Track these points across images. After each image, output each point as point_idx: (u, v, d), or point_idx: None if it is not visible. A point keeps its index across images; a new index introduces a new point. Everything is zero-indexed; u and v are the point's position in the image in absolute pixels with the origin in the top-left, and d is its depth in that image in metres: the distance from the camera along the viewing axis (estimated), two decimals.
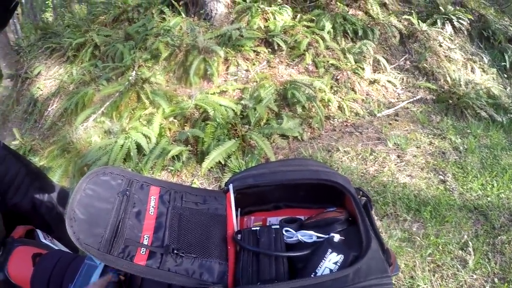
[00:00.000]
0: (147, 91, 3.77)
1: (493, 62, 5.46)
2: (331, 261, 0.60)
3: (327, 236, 0.66)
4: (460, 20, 5.45)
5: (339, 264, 0.60)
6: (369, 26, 4.98)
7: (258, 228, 0.75)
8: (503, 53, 5.54)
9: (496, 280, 2.16)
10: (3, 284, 1.12)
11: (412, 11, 5.47)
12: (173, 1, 4.83)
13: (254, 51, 4.29)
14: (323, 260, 0.60)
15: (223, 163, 3.22)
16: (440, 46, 5.17)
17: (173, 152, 3.25)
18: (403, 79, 4.72)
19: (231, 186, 0.80)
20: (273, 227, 0.74)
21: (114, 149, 3.47)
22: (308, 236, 0.67)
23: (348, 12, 5.15)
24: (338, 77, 4.30)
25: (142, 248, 0.68)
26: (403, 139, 3.54)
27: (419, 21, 5.26)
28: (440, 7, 5.58)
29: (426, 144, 3.53)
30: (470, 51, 5.44)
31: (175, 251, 0.68)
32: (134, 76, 3.91)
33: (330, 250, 0.61)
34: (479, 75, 4.93)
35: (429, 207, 2.63)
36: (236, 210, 0.82)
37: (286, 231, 0.70)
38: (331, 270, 0.60)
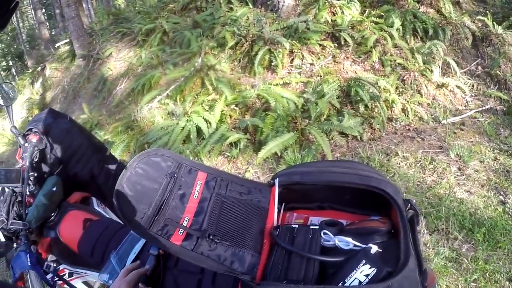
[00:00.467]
0: (212, 77, 3.87)
1: None
2: (362, 272, 0.58)
3: (364, 245, 0.64)
4: None
5: (370, 278, 0.57)
6: (440, 25, 4.62)
7: (297, 226, 0.75)
8: None
9: None
10: (54, 241, 1.23)
11: (487, 11, 4.94)
12: None
13: (320, 44, 4.20)
14: (355, 270, 0.59)
15: (279, 154, 3.22)
16: None
17: (232, 138, 3.32)
18: (473, 85, 4.31)
19: (276, 181, 0.80)
20: (311, 227, 0.74)
21: (175, 130, 3.64)
22: (345, 242, 0.66)
23: (419, 9, 4.82)
24: (404, 78, 4.06)
25: (180, 229, 0.71)
26: (466, 151, 3.24)
27: (494, 23, 4.73)
28: None
29: (490, 160, 3.20)
30: None
31: (211, 237, 0.70)
32: (200, 63, 4.04)
33: (364, 261, 0.59)
34: None
35: (483, 228, 2.40)
36: (280, 204, 0.83)
37: (324, 233, 0.69)
38: (360, 282, 0.58)
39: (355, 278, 0.58)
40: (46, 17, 18.22)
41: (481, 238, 2.34)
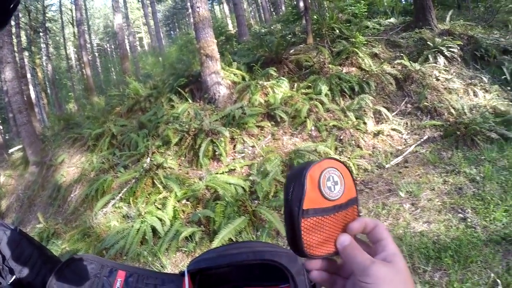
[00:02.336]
0: (161, 176, 4.01)
1: (493, 78, 5.29)
2: None
3: None
4: (450, 49, 5.48)
5: None
6: (364, 80, 5.15)
7: None
8: (500, 67, 5.34)
9: None
10: None
11: (402, 54, 5.57)
12: (179, 89, 5.27)
13: (258, 126, 4.54)
14: None
15: (234, 239, 3.29)
16: (437, 80, 5.16)
17: (185, 233, 3.37)
18: (407, 123, 4.70)
19: (185, 270, 0.96)
20: None
21: (131, 233, 3.63)
22: None
23: (342, 71, 5.36)
24: (341, 137, 4.39)
25: None
26: (415, 185, 3.42)
27: (411, 62, 5.31)
28: (428, 42, 5.68)
29: (440, 184, 3.38)
30: (468, 75, 5.37)
31: None
32: (148, 163, 4.20)
33: None
34: (482, 97, 4.84)
35: (449, 251, 2.44)
36: None
37: None
38: None
39: None
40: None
41: (450, 261, 2.35)
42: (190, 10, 7.25)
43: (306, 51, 6.23)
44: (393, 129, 4.60)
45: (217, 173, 3.94)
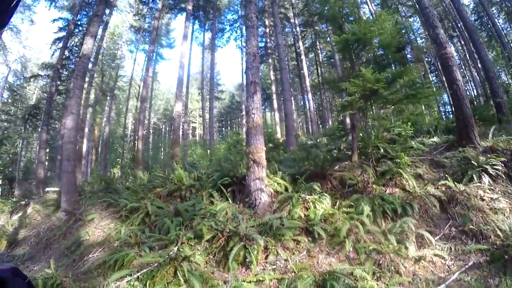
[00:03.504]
0: (185, 269, 3.83)
1: None
2: None
3: None
4: (494, 167, 5.27)
5: None
6: (407, 201, 4.97)
7: None
8: None
9: None
10: None
11: (446, 174, 5.41)
12: (222, 187, 5.38)
13: (294, 240, 4.38)
14: None
15: None
16: (482, 200, 4.88)
17: None
18: (450, 248, 4.33)
19: None
20: None
21: None
22: None
23: (385, 191, 5.24)
24: (380, 262, 4.07)
25: None
26: None
27: (455, 183, 5.13)
28: (472, 161, 5.52)
29: None
30: None
31: None
32: (175, 252, 4.08)
33: None
34: None
35: None
36: None
37: None
38: None
39: None
40: (47, 157, 19.18)
41: None
42: (244, 113, 7.86)
43: (350, 168, 6.30)
44: (436, 255, 4.25)
45: (243, 281, 3.71)
